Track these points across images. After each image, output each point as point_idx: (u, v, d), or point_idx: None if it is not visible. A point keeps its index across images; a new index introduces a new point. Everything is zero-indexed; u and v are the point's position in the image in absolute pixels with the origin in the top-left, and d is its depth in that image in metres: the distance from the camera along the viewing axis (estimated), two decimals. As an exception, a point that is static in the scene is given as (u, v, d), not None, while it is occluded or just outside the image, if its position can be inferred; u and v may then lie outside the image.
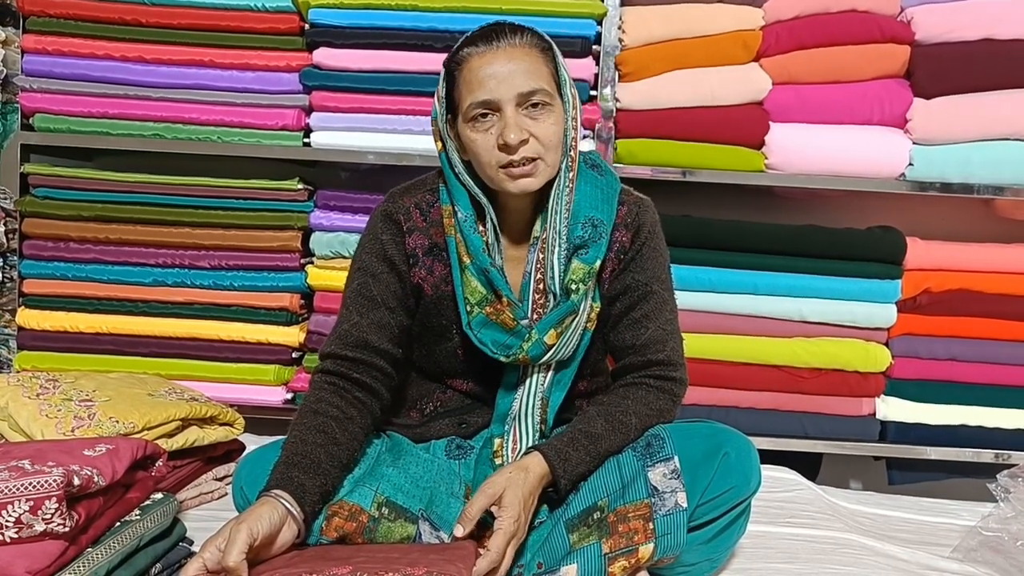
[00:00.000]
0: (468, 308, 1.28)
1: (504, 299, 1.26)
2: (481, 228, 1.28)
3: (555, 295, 1.28)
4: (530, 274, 1.29)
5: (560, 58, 1.26)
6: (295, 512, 1.10)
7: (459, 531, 1.11)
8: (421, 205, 1.33)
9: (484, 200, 1.28)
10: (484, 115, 1.21)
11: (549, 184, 1.27)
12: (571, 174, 1.28)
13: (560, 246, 1.27)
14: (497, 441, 1.32)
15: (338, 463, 1.20)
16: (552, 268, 1.27)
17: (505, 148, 1.20)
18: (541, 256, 1.28)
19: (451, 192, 1.30)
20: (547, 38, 1.26)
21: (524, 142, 1.20)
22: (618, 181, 1.35)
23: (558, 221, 1.27)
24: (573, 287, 1.25)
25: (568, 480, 1.20)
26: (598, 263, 1.27)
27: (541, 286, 1.29)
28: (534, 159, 1.21)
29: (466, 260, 1.27)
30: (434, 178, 1.36)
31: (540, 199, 1.30)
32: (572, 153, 1.27)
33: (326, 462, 1.18)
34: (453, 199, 1.29)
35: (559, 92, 1.25)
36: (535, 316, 1.28)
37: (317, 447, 1.18)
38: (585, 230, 1.27)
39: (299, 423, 1.22)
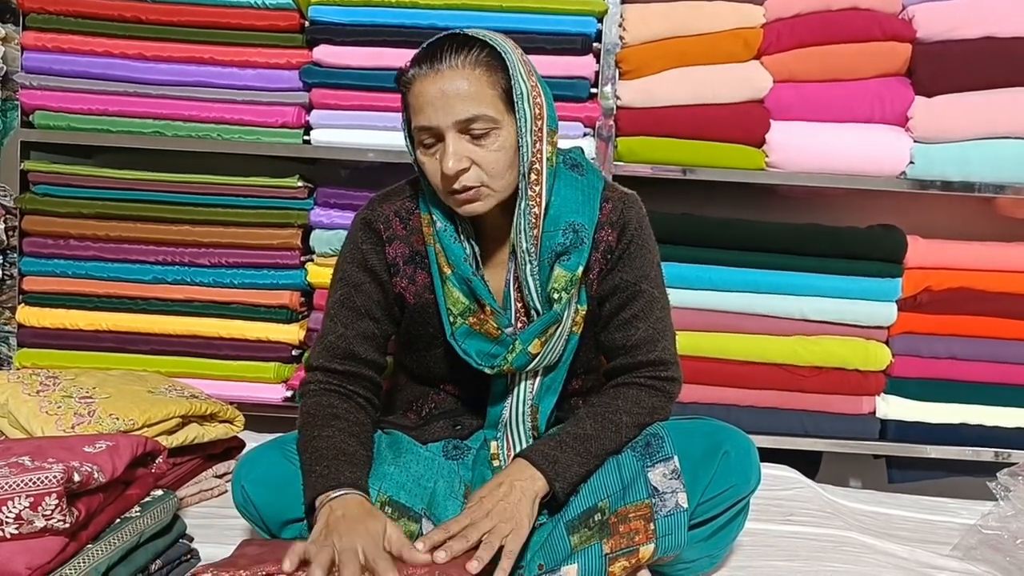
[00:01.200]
0: (451, 319, 1.27)
1: (487, 308, 1.25)
2: (460, 236, 1.27)
3: (537, 311, 1.26)
4: (510, 283, 1.28)
5: (519, 69, 1.19)
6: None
7: (419, 547, 1.08)
8: (401, 212, 1.32)
9: (457, 214, 1.26)
10: (428, 141, 1.19)
11: (515, 196, 1.24)
12: (537, 188, 1.23)
13: (531, 264, 1.24)
14: (493, 444, 1.32)
15: (369, 467, 1.22)
16: (527, 284, 1.25)
17: (443, 178, 1.18)
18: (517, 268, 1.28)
19: (429, 202, 1.28)
20: (502, 50, 1.19)
21: (464, 170, 1.17)
22: (601, 179, 1.32)
23: (524, 239, 1.23)
24: (556, 296, 1.24)
25: (563, 483, 1.19)
26: (580, 269, 1.25)
27: (522, 294, 1.28)
28: (475, 187, 1.19)
29: (447, 271, 1.26)
30: (414, 184, 1.35)
31: (513, 207, 1.25)
32: (537, 167, 1.22)
33: (367, 466, 1.20)
34: (432, 208, 1.27)
35: (512, 108, 1.19)
36: (519, 324, 1.28)
37: (358, 448, 1.20)
38: (566, 236, 1.25)
39: (326, 424, 1.21)
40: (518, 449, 1.29)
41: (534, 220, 1.23)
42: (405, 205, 1.32)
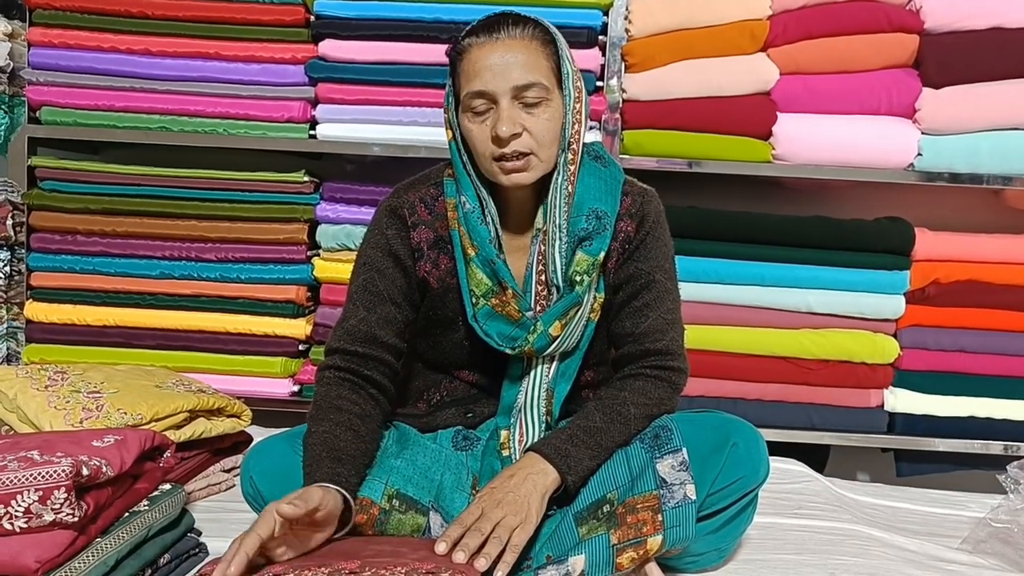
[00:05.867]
0: (473, 300, 1.28)
1: (509, 291, 1.26)
2: (485, 218, 1.28)
3: (558, 288, 1.27)
4: (532, 265, 1.29)
5: (565, 51, 1.25)
6: (349, 506, 1.11)
7: (441, 548, 1.08)
8: (426, 199, 1.33)
9: (484, 192, 1.27)
10: (480, 107, 1.21)
11: (551, 175, 1.26)
12: (572, 167, 1.27)
13: (560, 240, 1.26)
14: (503, 433, 1.31)
15: (366, 461, 1.22)
16: (554, 261, 1.26)
17: (496, 141, 1.20)
18: (543, 248, 1.28)
19: (459, 182, 1.29)
20: (552, 30, 1.25)
21: (516, 136, 1.20)
22: (621, 172, 1.34)
23: (558, 215, 1.26)
24: (577, 279, 1.25)
25: (575, 477, 1.19)
26: (602, 255, 1.26)
27: (543, 277, 1.28)
28: (526, 154, 1.21)
29: (471, 252, 1.27)
30: (439, 172, 1.36)
31: (542, 189, 1.29)
32: (574, 146, 1.27)
33: (360, 459, 1.20)
34: (461, 189, 1.29)
35: (560, 86, 1.24)
36: (538, 308, 1.28)
37: (349, 443, 1.19)
38: (589, 222, 1.27)
39: (324, 418, 1.21)
40: (529, 435, 1.30)
41: (568, 197, 1.27)
42: (430, 192, 1.34)
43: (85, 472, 1.04)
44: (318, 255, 2.16)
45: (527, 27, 1.22)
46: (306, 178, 2.11)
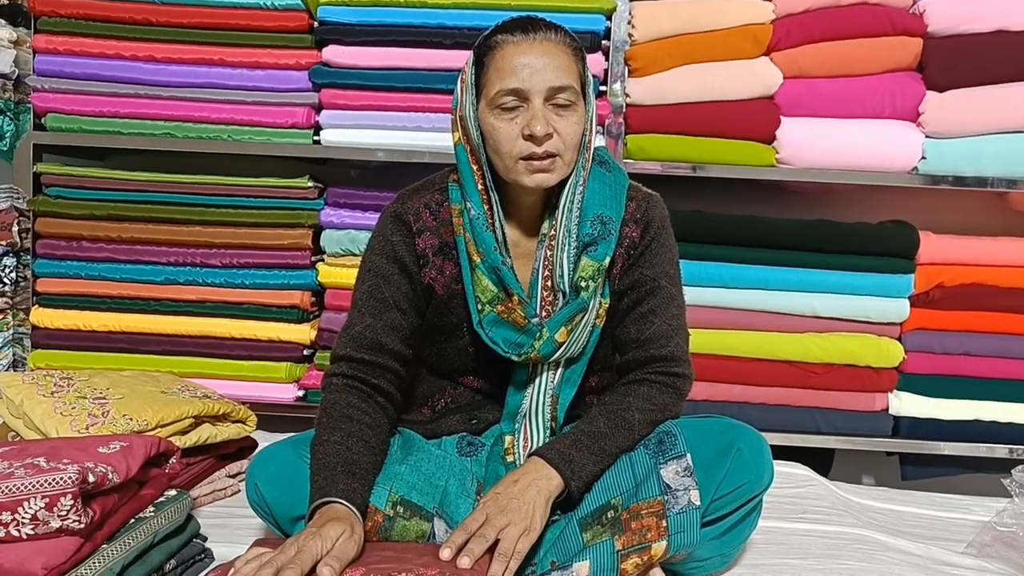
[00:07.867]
0: (479, 307, 1.28)
1: (515, 297, 1.26)
2: (491, 224, 1.28)
3: (564, 293, 1.27)
4: (538, 271, 1.29)
5: (586, 62, 1.26)
6: (359, 525, 1.11)
7: (445, 554, 1.09)
8: (431, 205, 1.33)
9: (493, 197, 1.27)
10: (510, 104, 1.20)
11: (560, 181, 1.27)
12: (584, 172, 1.28)
13: (570, 244, 1.27)
14: (508, 438, 1.32)
15: (376, 473, 1.22)
16: (561, 266, 1.27)
17: (531, 139, 1.19)
18: (549, 254, 1.28)
19: (464, 188, 1.28)
20: (577, 39, 1.26)
21: (548, 136, 1.20)
22: (626, 177, 1.34)
23: (569, 219, 1.27)
24: (583, 284, 1.25)
25: (579, 482, 1.19)
26: (607, 260, 1.26)
27: (549, 283, 1.29)
28: (554, 155, 1.21)
29: (476, 259, 1.27)
30: (443, 177, 1.36)
31: (549, 196, 1.29)
32: (587, 153, 1.28)
33: (371, 471, 1.20)
34: (466, 195, 1.28)
35: (583, 93, 1.24)
36: (544, 313, 1.28)
37: (362, 455, 1.19)
38: (594, 227, 1.27)
39: (336, 427, 1.21)
40: (534, 441, 1.30)
41: (579, 200, 1.27)
42: (435, 197, 1.34)
43: (91, 479, 1.04)
44: (322, 260, 2.17)
45: (559, 32, 1.23)
46: (310, 183, 2.12)
